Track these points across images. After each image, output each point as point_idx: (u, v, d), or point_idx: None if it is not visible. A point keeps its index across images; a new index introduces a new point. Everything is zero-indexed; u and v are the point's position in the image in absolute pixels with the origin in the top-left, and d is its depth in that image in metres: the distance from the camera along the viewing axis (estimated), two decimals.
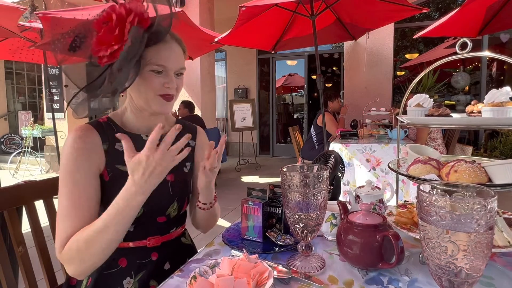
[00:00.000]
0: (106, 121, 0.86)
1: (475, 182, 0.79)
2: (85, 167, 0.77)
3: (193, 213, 1.00)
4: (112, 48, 0.71)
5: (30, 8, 3.96)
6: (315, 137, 4.12)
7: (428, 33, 3.61)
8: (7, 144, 7.23)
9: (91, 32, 0.74)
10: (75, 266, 0.72)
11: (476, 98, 5.43)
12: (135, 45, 0.71)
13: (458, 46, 0.92)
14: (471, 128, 0.98)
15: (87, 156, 0.78)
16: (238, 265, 0.64)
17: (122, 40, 0.71)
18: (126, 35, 0.71)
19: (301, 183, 0.69)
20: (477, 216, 0.47)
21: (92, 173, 0.79)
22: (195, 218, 1.00)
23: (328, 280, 0.70)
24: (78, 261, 0.71)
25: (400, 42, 6.40)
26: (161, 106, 0.83)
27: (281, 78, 7.71)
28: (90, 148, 0.79)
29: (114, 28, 0.71)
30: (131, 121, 0.88)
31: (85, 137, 0.79)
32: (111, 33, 0.72)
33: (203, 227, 1.01)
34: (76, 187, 0.76)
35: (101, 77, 0.76)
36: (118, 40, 0.71)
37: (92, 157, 0.79)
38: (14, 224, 0.91)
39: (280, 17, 3.75)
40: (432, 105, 1.03)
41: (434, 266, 0.52)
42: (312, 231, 0.73)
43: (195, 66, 5.07)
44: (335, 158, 1.11)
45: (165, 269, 0.90)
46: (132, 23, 0.71)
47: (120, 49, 0.71)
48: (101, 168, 0.81)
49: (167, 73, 0.81)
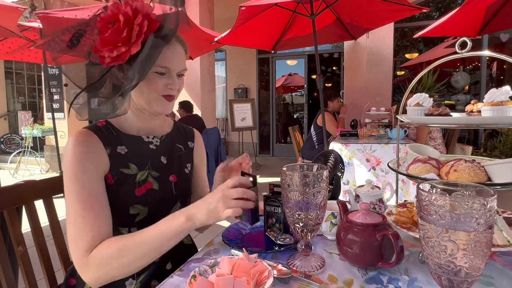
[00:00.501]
0: (105, 125, 0.84)
1: (474, 181, 0.79)
2: (90, 169, 0.76)
3: None
4: (119, 50, 0.70)
5: (30, 8, 3.96)
6: (315, 137, 4.12)
7: (428, 33, 3.61)
8: (7, 144, 7.23)
9: (91, 30, 0.73)
10: (100, 273, 0.70)
11: (476, 97, 5.42)
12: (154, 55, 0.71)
13: (458, 45, 0.92)
14: (470, 128, 0.98)
15: (90, 159, 0.77)
16: (238, 265, 0.64)
17: (129, 42, 0.71)
18: (134, 38, 0.70)
19: (300, 182, 0.69)
20: (476, 215, 0.47)
21: (98, 175, 0.77)
22: None
23: (327, 279, 0.70)
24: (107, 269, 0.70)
25: (400, 42, 6.40)
26: (163, 106, 0.83)
27: (281, 78, 7.71)
28: (92, 152, 0.78)
29: (122, 30, 0.70)
30: (131, 122, 0.88)
31: (86, 142, 0.78)
32: (118, 35, 0.70)
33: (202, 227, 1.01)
34: (83, 189, 0.74)
35: (103, 78, 0.75)
36: (125, 41, 0.71)
37: (95, 160, 0.78)
38: (14, 223, 0.91)
39: (280, 17, 3.75)
40: (432, 105, 1.03)
41: (433, 265, 0.52)
42: (311, 231, 0.73)
43: (195, 66, 5.06)
44: (334, 158, 1.11)
45: (167, 269, 0.90)
46: (141, 25, 0.70)
47: (127, 52, 0.70)
48: (105, 171, 0.80)
49: (170, 74, 0.81)
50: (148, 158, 0.87)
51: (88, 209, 0.73)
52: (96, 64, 0.75)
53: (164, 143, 0.92)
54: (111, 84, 0.75)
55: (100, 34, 0.72)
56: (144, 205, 0.83)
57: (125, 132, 0.86)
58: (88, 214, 0.73)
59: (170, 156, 0.92)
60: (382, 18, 3.82)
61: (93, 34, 0.73)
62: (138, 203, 0.82)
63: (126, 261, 0.70)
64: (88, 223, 0.72)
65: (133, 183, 0.83)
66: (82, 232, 0.72)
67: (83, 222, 0.72)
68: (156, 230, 0.71)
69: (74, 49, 0.73)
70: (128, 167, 0.83)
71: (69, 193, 0.74)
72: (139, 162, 0.85)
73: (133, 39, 0.70)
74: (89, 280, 0.72)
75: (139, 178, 0.84)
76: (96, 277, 0.71)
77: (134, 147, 0.85)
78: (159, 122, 0.94)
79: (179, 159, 0.95)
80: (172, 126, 0.99)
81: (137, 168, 0.84)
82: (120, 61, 0.72)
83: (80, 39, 0.73)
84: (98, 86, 0.76)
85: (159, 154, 0.90)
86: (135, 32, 0.70)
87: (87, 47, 0.74)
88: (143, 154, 0.86)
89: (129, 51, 0.70)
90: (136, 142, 0.87)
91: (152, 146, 0.89)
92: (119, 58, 0.71)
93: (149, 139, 0.89)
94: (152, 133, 0.91)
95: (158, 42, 0.72)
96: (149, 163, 0.87)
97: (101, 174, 0.78)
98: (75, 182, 0.74)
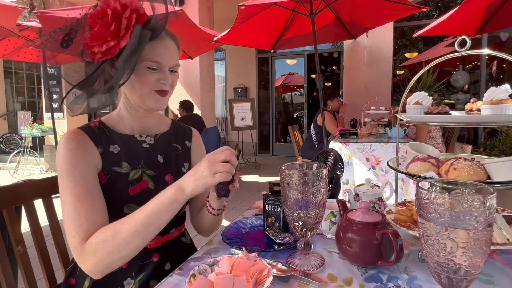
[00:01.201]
0: (97, 125, 0.85)
1: (474, 179, 0.79)
2: (82, 164, 0.76)
3: (198, 218, 0.99)
4: (108, 44, 0.71)
5: (29, 7, 3.95)
6: (315, 136, 4.12)
7: (428, 32, 3.61)
8: (7, 143, 7.23)
9: (82, 28, 0.73)
10: (97, 259, 0.69)
11: (475, 97, 5.42)
12: (142, 44, 0.71)
13: (458, 43, 0.92)
14: (470, 126, 0.98)
15: (81, 155, 0.77)
16: (237, 263, 0.64)
17: (118, 36, 0.71)
18: (122, 31, 0.71)
19: (300, 181, 0.69)
20: (476, 213, 0.47)
21: (90, 169, 0.78)
22: (200, 221, 0.98)
23: (327, 278, 0.70)
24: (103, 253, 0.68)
25: (400, 41, 6.40)
26: (156, 101, 0.83)
27: (280, 77, 7.71)
28: (83, 148, 0.78)
29: (110, 24, 0.71)
30: (126, 121, 0.88)
31: (76, 139, 0.79)
32: (107, 29, 0.71)
33: (207, 231, 1.00)
34: (76, 183, 0.74)
35: (95, 73, 0.76)
36: (114, 35, 0.71)
37: (86, 155, 0.78)
38: (13, 223, 0.91)
39: (279, 16, 3.75)
40: (432, 103, 1.03)
41: (433, 263, 0.52)
42: (311, 229, 0.73)
43: (195, 65, 5.06)
44: (334, 157, 1.11)
45: (166, 269, 0.89)
46: (129, 19, 0.71)
47: (117, 46, 0.71)
48: (98, 168, 0.80)
49: (162, 69, 0.81)
50: (141, 157, 0.87)
51: (81, 201, 0.73)
52: (90, 62, 0.76)
53: (159, 142, 0.92)
54: (103, 80, 0.76)
55: (90, 30, 0.73)
56: (139, 205, 0.83)
57: (118, 132, 0.86)
58: (82, 206, 0.73)
59: (167, 156, 0.92)
60: (382, 17, 3.82)
61: (85, 32, 0.74)
62: (133, 202, 0.82)
63: (120, 242, 0.68)
64: (82, 213, 0.72)
65: (126, 182, 0.83)
66: (77, 223, 0.71)
67: (78, 213, 0.72)
68: (148, 206, 0.71)
69: (66, 48, 0.74)
70: (120, 165, 0.83)
71: (63, 188, 0.75)
72: (132, 160, 0.85)
73: (121, 33, 0.71)
74: (87, 268, 0.71)
75: (132, 177, 0.84)
76: (94, 264, 0.69)
77: (126, 146, 0.85)
78: (155, 121, 0.94)
79: (176, 158, 0.94)
80: (170, 126, 0.99)
81: (130, 167, 0.84)
82: (110, 55, 0.72)
83: (72, 38, 0.74)
84: (90, 82, 0.76)
85: (154, 153, 0.90)
86: (123, 25, 0.71)
87: (79, 46, 0.74)
88: (136, 153, 0.86)
89: (118, 45, 0.71)
90: (129, 141, 0.87)
91: (145, 145, 0.89)
92: (108, 52, 0.71)
93: (142, 138, 0.89)
94: (146, 132, 0.91)
95: (145, 33, 0.72)
96: (142, 162, 0.86)
97: (93, 169, 0.79)
98: (68, 177, 0.74)
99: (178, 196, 0.71)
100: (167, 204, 0.70)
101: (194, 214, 1.01)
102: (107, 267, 0.71)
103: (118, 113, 0.88)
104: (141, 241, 0.71)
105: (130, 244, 0.69)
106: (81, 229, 0.71)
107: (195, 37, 3.94)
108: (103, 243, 0.69)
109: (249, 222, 1.01)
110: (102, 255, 0.69)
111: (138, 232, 0.69)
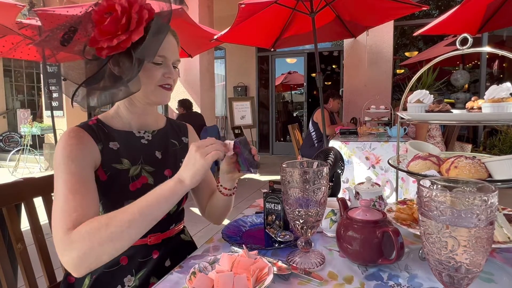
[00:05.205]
0: (95, 123, 0.85)
1: (475, 178, 0.79)
2: (79, 158, 0.75)
3: (209, 205, 1.00)
4: (119, 38, 0.71)
5: (28, 5, 3.94)
6: (314, 134, 4.12)
7: (428, 31, 3.61)
8: (6, 142, 7.22)
9: (84, 25, 0.74)
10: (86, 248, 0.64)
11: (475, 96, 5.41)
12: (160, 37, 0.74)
13: (459, 42, 0.91)
14: (471, 124, 0.97)
15: (80, 150, 0.76)
16: (238, 261, 0.64)
17: (129, 30, 0.72)
18: (133, 25, 0.72)
19: (300, 179, 0.69)
20: (477, 211, 0.47)
21: (87, 164, 0.77)
22: (213, 207, 0.99)
23: (327, 276, 0.70)
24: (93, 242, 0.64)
25: (400, 40, 6.40)
26: (161, 96, 0.84)
27: (280, 76, 7.70)
28: (83, 143, 0.78)
29: (121, 18, 0.72)
30: (123, 118, 0.88)
31: (77, 137, 0.78)
32: (117, 23, 0.72)
33: (218, 216, 1.00)
34: (72, 175, 0.73)
35: (102, 69, 0.76)
36: (125, 29, 0.72)
37: (85, 151, 0.77)
38: (13, 221, 0.90)
39: (279, 15, 3.74)
40: (432, 101, 1.02)
41: (434, 261, 0.52)
42: (311, 227, 0.73)
43: (194, 64, 5.05)
44: (334, 155, 1.11)
45: (166, 266, 0.90)
46: (139, 14, 0.72)
47: (128, 39, 0.72)
48: (97, 164, 0.80)
49: (166, 63, 0.83)
50: (141, 153, 0.87)
51: (74, 193, 0.71)
52: (91, 60, 0.76)
53: (157, 138, 0.93)
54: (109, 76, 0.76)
55: (97, 25, 0.73)
56: None
57: (117, 129, 0.86)
58: (73, 197, 0.70)
59: (165, 151, 0.93)
60: (382, 16, 3.82)
61: (86, 30, 0.74)
62: (133, 198, 0.81)
63: (114, 231, 0.65)
64: (72, 203, 0.69)
65: (126, 178, 0.83)
66: (66, 213, 0.68)
67: (67, 203, 0.69)
68: (148, 196, 0.70)
69: (67, 46, 0.74)
70: (120, 162, 0.83)
71: (58, 181, 0.73)
72: (132, 157, 0.85)
73: (132, 27, 0.72)
74: (72, 261, 0.65)
75: (132, 173, 0.84)
76: (81, 255, 0.64)
77: (126, 142, 0.86)
78: (152, 117, 0.94)
79: (174, 154, 0.95)
80: (166, 122, 1.00)
81: (130, 163, 0.84)
82: (120, 50, 0.72)
83: (72, 36, 0.74)
84: (97, 78, 0.76)
85: (152, 148, 0.90)
86: (134, 20, 0.72)
87: (80, 44, 0.74)
88: (135, 149, 0.87)
89: (130, 39, 0.72)
90: (127, 137, 0.87)
91: (144, 141, 0.90)
92: (119, 46, 0.72)
93: (141, 134, 0.90)
94: (144, 128, 0.91)
95: (164, 26, 0.75)
96: (141, 157, 0.87)
97: (91, 165, 0.78)
98: (64, 170, 0.73)
99: (178, 188, 0.71)
100: (167, 195, 0.70)
101: (204, 204, 1.02)
102: (94, 261, 0.66)
103: (116, 110, 0.89)
104: (135, 232, 0.68)
105: (124, 234, 0.66)
106: (70, 218, 0.68)
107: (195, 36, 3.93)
108: (95, 230, 0.65)
109: (250, 220, 1.01)
110: (92, 244, 0.64)
111: (134, 221, 0.67)
